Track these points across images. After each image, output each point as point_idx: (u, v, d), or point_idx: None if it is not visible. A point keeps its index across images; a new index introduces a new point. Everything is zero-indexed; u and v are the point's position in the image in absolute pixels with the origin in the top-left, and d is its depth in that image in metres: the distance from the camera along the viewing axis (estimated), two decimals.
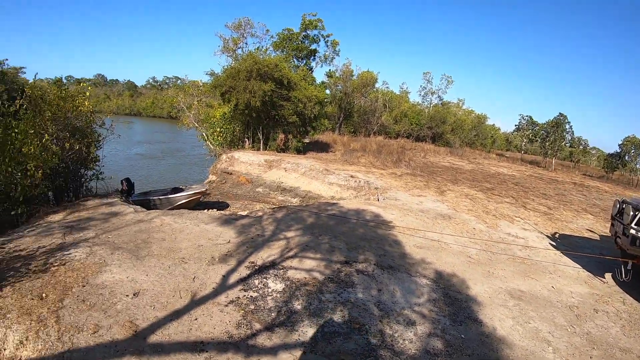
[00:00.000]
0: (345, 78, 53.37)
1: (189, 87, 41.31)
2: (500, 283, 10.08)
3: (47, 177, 13.18)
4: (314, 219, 13.68)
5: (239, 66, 30.88)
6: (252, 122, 31.82)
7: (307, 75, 41.15)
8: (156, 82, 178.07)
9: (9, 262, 8.65)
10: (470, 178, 26.26)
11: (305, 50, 47.30)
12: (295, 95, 30.27)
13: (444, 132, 57.06)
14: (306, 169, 24.71)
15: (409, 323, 7.76)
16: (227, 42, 42.23)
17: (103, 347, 6.20)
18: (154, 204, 18.02)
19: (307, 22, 46.49)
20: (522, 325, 8.22)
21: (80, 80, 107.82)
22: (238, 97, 28.63)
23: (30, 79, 73.24)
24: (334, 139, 41.92)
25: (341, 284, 8.96)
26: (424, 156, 36.64)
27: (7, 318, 6.66)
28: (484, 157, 43.76)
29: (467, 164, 34.93)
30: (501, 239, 13.57)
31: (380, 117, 56.77)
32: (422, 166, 29.76)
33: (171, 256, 9.65)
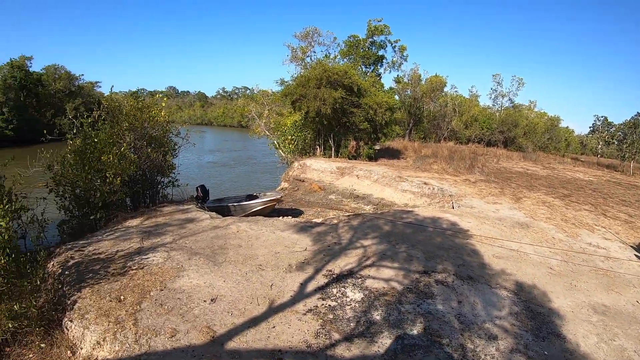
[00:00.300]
0: (413, 83, 52.57)
1: (259, 96, 41.87)
2: (583, 297, 9.33)
3: (125, 183, 13.46)
4: (390, 227, 13.22)
5: (309, 74, 30.89)
6: (323, 129, 31.70)
7: (375, 82, 40.75)
8: (226, 93, 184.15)
9: (88, 264, 8.78)
10: (546, 184, 24.92)
11: (373, 56, 46.92)
12: (366, 102, 29.90)
13: (516, 136, 54.98)
14: (378, 176, 24.21)
15: (491, 337, 7.26)
16: (295, 51, 42.55)
17: (180, 351, 6.16)
18: (228, 211, 18.04)
19: (373, 28, 46.15)
20: (606, 343, 7.54)
21: (153, 93, 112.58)
22: (309, 105, 28.57)
23: (105, 92, 77.33)
24: (405, 145, 41.28)
25: (420, 295, 8.55)
26: (497, 161, 35.33)
27: (85, 318, 6.76)
28: (558, 161, 41.60)
29: (542, 169, 33.32)
30: (582, 250, 12.62)
31: (451, 122, 55.50)
32: (495, 172, 28.60)
33: (248, 263, 9.53)
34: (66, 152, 12.95)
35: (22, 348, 6.65)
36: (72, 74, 77.33)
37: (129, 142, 14.16)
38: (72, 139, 13.34)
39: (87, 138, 12.95)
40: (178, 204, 14.87)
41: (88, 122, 13.48)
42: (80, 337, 6.49)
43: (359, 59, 45.78)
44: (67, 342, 6.57)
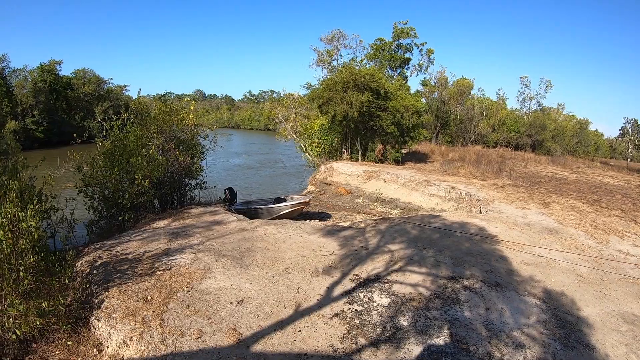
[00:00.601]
0: (440, 86, 52.22)
1: (285, 99, 42.00)
2: (613, 305, 8.98)
3: (154, 185, 13.57)
4: (418, 232, 13.04)
5: (336, 78, 30.89)
6: (349, 133, 31.60)
7: (402, 85, 40.53)
8: (253, 96, 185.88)
9: (116, 264, 8.86)
10: (575, 189, 24.35)
11: (399, 59, 46.78)
12: (393, 105, 29.69)
13: (544, 139, 54.09)
14: (405, 180, 23.98)
15: (519, 345, 7.06)
16: (321, 55, 42.71)
17: (206, 352, 6.16)
18: (256, 213, 18.07)
19: (398, 30, 46.02)
20: (636, 354, 7.22)
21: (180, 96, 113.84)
22: (335, 109, 28.51)
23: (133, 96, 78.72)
24: (432, 149, 40.97)
25: (447, 301, 8.37)
26: (525, 166, 34.74)
27: (113, 317, 6.81)
28: (587, 165, 40.67)
29: (571, 173, 32.63)
30: (612, 257, 12.20)
31: (478, 125, 54.88)
32: (523, 176, 28.09)
33: (275, 266, 9.51)
34: (95, 154, 13.15)
35: (49, 345, 6.71)
36: (101, 77, 79.18)
37: (157, 144, 14.30)
38: (101, 141, 13.52)
39: (116, 140, 13.11)
40: (205, 206, 14.94)
41: (117, 124, 13.64)
42: (106, 335, 6.52)
43: (385, 62, 45.73)
44: (94, 340, 6.60)
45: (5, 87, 62.06)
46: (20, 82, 66.48)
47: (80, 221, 11.34)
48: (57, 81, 70.09)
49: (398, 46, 47.20)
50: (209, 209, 14.28)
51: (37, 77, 67.55)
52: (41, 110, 65.20)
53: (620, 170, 39.47)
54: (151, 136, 14.38)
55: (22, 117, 63.07)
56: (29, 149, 52.61)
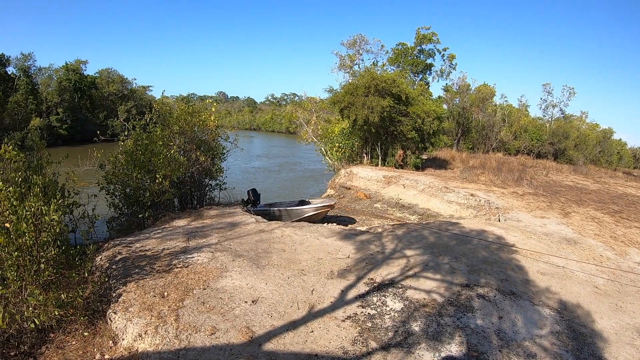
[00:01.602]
0: (462, 92, 51.89)
1: (307, 103, 42.13)
2: (629, 319, 8.82)
3: (174, 185, 13.76)
4: (434, 238, 12.98)
5: (357, 82, 30.91)
6: (370, 137, 31.54)
7: (424, 90, 40.42)
8: (274, 99, 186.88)
9: (135, 260, 9.02)
10: (596, 199, 23.97)
11: (421, 64, 46.70)
12: (414, 111, 29.58)
13: (567, 148, 53.36)
14: (425, 186, 23.89)
15: (530, 356, 6.98)
16: (343, 59, 42.82)
17: (218, 349, 6.25)
18: (280, 215, 18.07)
19: (421, 36, 45.95)
20: None
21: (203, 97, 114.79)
22: (357, 113, 28.48)
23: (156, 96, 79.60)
24: (452, 156, 40.71)
25: (460, 308, 8.33)
26: (546, 174, 34.34)
27: (129, 311, 6.94)
28: (609, 175, 40.00)
29: (592, 183, 32.15)
30: (630, 269, 11.97)
31: (499, 132, 54.39)
32: (544, 185, 27.78)
33: (290, 267, 9.57)
34: (118, 153, 13.36)
35: (66, 335, 6.87)
36: (125, 77, 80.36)
37: (178, 144, 14.49)
38: (124, 140, 13.73)
39: (138, 140, 13.31)
40: (225, 207, 15.09)
41: (140, 124, 13.85)
42: (122, 328, 6.66)
43: (407, 67, 45.65)
44: (110, 332, 6.74)
45: (30, 84, 63.48)
46: (46, 81, 67.96)
47: (101, 217, 11.54)
48: (82, 80, 71.38)
49: (420, 51, 47.12)
50: (227, 210, 14.41)
51: (62, 75, 68.94)
52: (65, 108, 66.52)
53: None
54: (173, 136, 14.57)
55: (46, 115, 64.39)
56: (53, 145, 53.46)
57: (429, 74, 48.72)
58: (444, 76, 49.82)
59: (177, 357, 5.99)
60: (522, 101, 66.61)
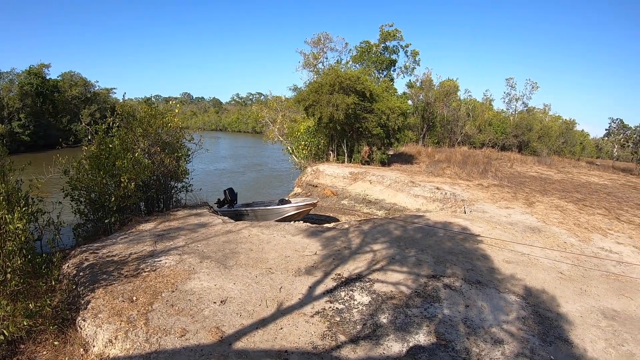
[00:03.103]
0: (426, 88, 52.54)
1: (272, 102, 42.09)
2: (593, 301, 9.23)
3: (139, 188, 13.68)
4: (401, 232, 13.24)
5: (322, 80, 31.03)
6: (336, 135, 31.77)
7: (388, 87, 40.79)
8: (240, 99, 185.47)
9: (102, 266, 8.99)
10: (560, 188, 24.70)
11: (385, 61, 47.02)
12: (379, 107, 29.91)
13: (530, 140, 54.68)
14: (391, 181, 24.21)
15: (497, 341, 7.25)
16: (307, 58, 42.82)
17: (189, 350, 6.29)
18: (259, 215, 17.89)
19: (385, 33, 46.28)
20: (614, 348, 7.43)
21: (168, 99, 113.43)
22: (322, 111, 28.67)
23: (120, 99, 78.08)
24: (418, 151, 41.24)
25: (428, 299, 8.58)
26: (511, 166, 35.12)
27: (99, 317, 6.92)
28: (573, 165, 41.12)
29: (556, 173, 33.03)
30: (594, 254, 12.47)
31: (464, 126, 55.31)
32: (509, 177, 28.43)
33: (258, 266, 9.64)
34: (82, 158, 13.19)
35: (36, 345, 6.81)
36: (88, 80, 78.19)
37: (143, 147, 14.39)
38: (87, 145, 13.59)
39: (101, 144, 13.20)
40: (191, 209, 15.06)
41: (102, 128, 13.73)
42: (92, 335, 6.65)
43: (371, 64, 45.93)
44: (80, 340, 6.73)
45: None
46: (7, 85, 65.75)
47: (66, 224, 11.39)
48: (44, 84, 69.26)
49: (384, 48, 47.43)
50: (194, 212, 14.39)
51: (23, 80, 66.99)
52: (27, 114, 64.50)
53: (605, 170, 39.93)
54: (137, 139, 14.46)
55: (8, 121, 62.43)
56: (15, 152, 51.85)
57: (393, 71, 49.10)
58: (408, 72, 50.30)
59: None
60: (486, 95, 67.95)
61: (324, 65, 42.41)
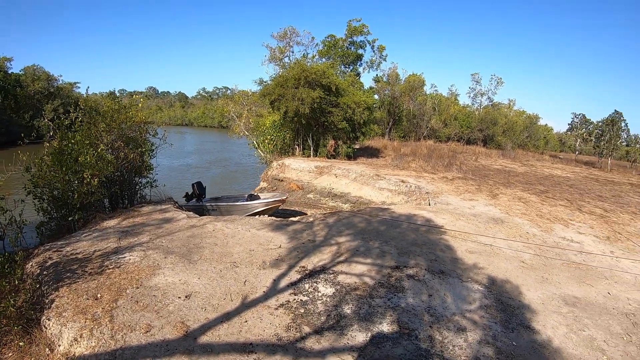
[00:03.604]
0: (392, 82, 52.95)
1: (238, 96, 41.87)
2: (554, 289, 9.65)
3: (103, 184, 13.54)
4: (365, 224, 13.49)
5: (287, 74, 31.09)
6: (302, 129, 31.91)
7: (355, 81, 41.05)
8: (206, 93, 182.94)
9: (66, 264, 8.91)
10: (523, 181, 25.44)
11: (352, 56, 47.29)
12: (344, 102, 30.15)
13: (495, 134, 55.80)
14: (357, 175, 24.51)
15: (460, 329, 7.54)
16: (274, 52, 42.76)
17: (154, 346, 6.33)
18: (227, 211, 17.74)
19: (352, 28, 46.54)
20: (575, 333, 7.82)
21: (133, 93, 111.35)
22: (287, 105, 28.78)
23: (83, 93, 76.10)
24: (384, 144, 41.63)
25: (391, 289, 8.80)
26: (476, 159, 35.87)
27: (63, 316, 6.88)
28: (536, 159, 42.33)
29: (520, 166, 33.95)
30: (555, 244, 12.97)
31: (430, 120, 56.01)
32: (473, 170, 29.09)
33: (223, 260, 9.72)
34: (44, 154, 12.97)
35: (2, 347, 6.77)
36: (51, 74, 75.83)
37: (106, 142, 14.23)
38: (50, 141, 13.37)
39: (64, 139, 13.01)
40: (156, 204, 14.95)
41: (65, 123, 13.53)
42: (58, 334, 6.63)
43: (337, 58, 46.09)
44: (46, 339, 6.70)
45: None
46: None
47: (29, 222, 11.27)
48: (6, 79, 67.04)
49: (351, 43, 47.67)
50: (159, 207, 14.31)
51: None
52: None
53: (568, 163, 41.18)
54: (100, 134, 14.30)
55: None
56: None
57: (359, 65, 49.44)
58: (375, 67, 50.75)
59: (114, 357, 6.04)
60: (452, 90, 69.37)
61: (290, 60, 42.42)
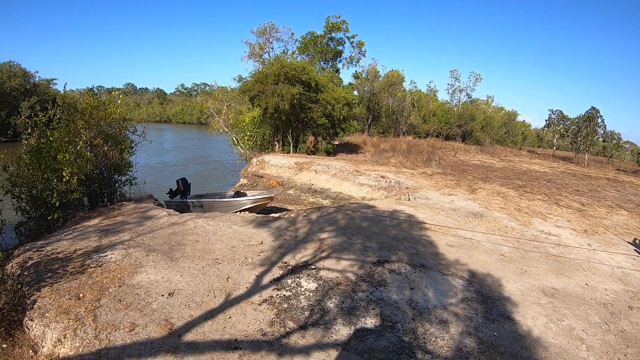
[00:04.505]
0: (371, 78, 53.13)
1: (217, 92, 41.62)
2: (534, 281, 9.87)
3: (82, 182, 13.42)
4: (347, 220, 13.59)
5: (267, 70, 31.06)
6: (281, 125, 31.89)
7: (334, 77, 41.11)
8: (185, 89, 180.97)
9: (47, 264, 8.85)
10: (502, 176, 25.81)
11: (331, 52, 47.27)
12: (324, 98, 30.24)
13: (474, 130, 56.37)
14: (337, 171, 24.61)
15: (442, 321, 7.68)
16: (253, 48, 42.62)
17: (139, 344, 6.32)
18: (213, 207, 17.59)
19: (331, 24, 46.50)
20: (555, 323, 8.02)
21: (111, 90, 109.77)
22: (267, 101, 28.75)
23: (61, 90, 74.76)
24: (364, 140, 41.78)
25: (374, 284, 8.91)
26: (454, 155, 36.25)
27: (46, 317, 6.84)
28: (515, 154, 42.95)
29: (498, 161, 34.39)
30: (534, 237, 13.25)
31: (409, 116, 56.36)
32: (452, 165, 29.41)
33: (205, 257, 9.73)
34: (22, 152, 12.80)
35: None
36: (28, 71, 74.31)
37: (85, 140, 14.09)
38: (27, 139, 13.21)
39: (42, 137, 12.86)
40: (136, 202, 14.89)
41: (43, 120, 13.37)
42: (41, 335, 6.59)
43: (317, 54, 46.07)
44: (29, 341, 6.65)
45: None
46: None
47: (8, 222, 11.12)
48: None
49: (330, 39, 47.68)
50: (139, 205, 14.24)
51: None
52: None
53: (546, 158, 41.81)
54: (79, 131, 14.16)
55: None
56: None
57: (339, 61, 49.40)
58: (354, 63, 50.71)
59: (99, 357, 6.02)
60: (431, 87, 69.90)
61: (270, 56, 42.35)
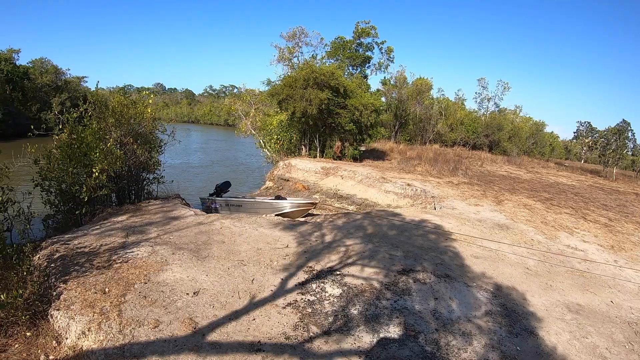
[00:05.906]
0: (399, 85, 52.84)
1: (246, 95, 41.80)
2: (558, 296, 9.60)
3: (111, 179, 13.50)
4: (373, 227, 13.44)
5: (296, 75, 31.04)
6: (308, 129, 31.84)
7: (362, 83, 40.97)
8: (213, 91, 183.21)
9: (73, 257, 8.88)
10: (529, 187, 25.30)
11: (360, 58, 47.17)
12: (352, 103, 30.06)
13: (501, 140, 55.56)
14: (363, 177, 24.41)
15: (465, 333, 7.51)
16: (282, 52, 42.66)
17: (162, 342, 6.29)
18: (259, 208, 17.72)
19: (360, 30, 46.43)
20: (579, 340, 7.77)
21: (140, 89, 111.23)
22: (295, 106, 28.73)
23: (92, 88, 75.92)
24: (390, 147, 41.50)
25: (398, 292, 8.77)
26: (481, 165, 35.72)
27: (71, 309, 6.83)
28: (542, 166, 42.07)
29: (525, 173, 33.77)
30: (560, 251, 12.90)
31: (436, 125, 55.85)
32: (479, 175, 28.97)
33: (230, 258, 9.70)
34: (52, 147, 12.96)
35: (8, 338, 6.71)
36: (59, 68, 75.73)
37: (115, 137, 14.23)
38: (58, 134, 13.35)
39: (73, 133, 13.00)
40: (163, 200, 14.96)
41: (74, 117, 13.50)
42: (65, 327, 6.59)
43: (345, 60, 46.01)
44: (53, 332, 6.65)
45: None
46: None
47: (37, 215, 11.23)
48: (14, 71, 66.82)
49: (359, 45, 47.60)
50: (166, 203, 14.29)
51: None
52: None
53: (574, 171, 40.90)
54: (109, 129, 14.30)
55: None
56: None
57: (367, 67, 49.28)
58: (382, 69, 50.48)
59: (122, 352, 5.99)
60: (459, 95, 68.87)
61: (299, 60, 42.34)
